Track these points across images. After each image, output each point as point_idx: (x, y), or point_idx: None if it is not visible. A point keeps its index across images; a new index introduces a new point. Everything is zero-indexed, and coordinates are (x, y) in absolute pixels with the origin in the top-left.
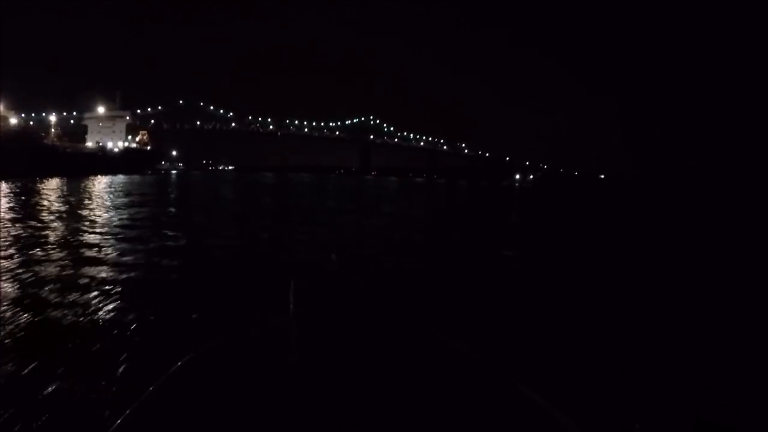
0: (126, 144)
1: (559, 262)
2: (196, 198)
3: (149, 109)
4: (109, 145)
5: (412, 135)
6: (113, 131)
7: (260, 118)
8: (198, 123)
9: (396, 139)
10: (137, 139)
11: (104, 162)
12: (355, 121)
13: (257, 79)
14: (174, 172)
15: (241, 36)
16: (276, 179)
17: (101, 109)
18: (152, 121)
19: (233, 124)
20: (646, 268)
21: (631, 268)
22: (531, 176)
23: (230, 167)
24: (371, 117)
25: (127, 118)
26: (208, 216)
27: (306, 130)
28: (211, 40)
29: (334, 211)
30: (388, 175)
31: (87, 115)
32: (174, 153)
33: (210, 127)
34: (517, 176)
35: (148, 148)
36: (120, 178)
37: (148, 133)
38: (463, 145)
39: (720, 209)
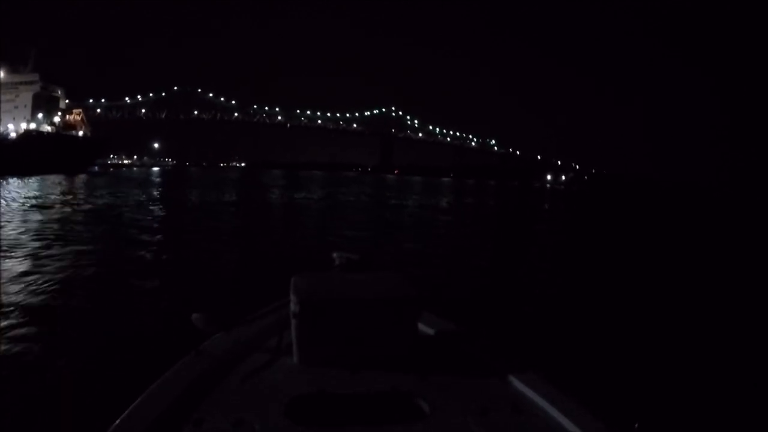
0: (31, 126)
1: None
2: None
3: (139, 97)
4: (10, 126)
5: (437, 130)
6: (15, 106)
7: (266, 107)
8: (195, 113)
9: (420, 134)
10: (56, 119)
11: None
12: (375, 112)
13: (268, 75)
14: (156, 169)
15: (251, 30)
16: (283, 184)
17: (1, 74)
18: (142, 111)
19: (236, 114)
20: (655, 270)
21: (640, 269)
22: (563, 176)
23: (242, 164)
24: (393, 108)
25: (38, 84)
26: None
27: (319, 122)
28: (220, 35)
29: None
30: (411, 174)
31: None
32: (156, 145)
33: (209, 117)
34: (549, 176)
35: (81, 133)
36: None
37: (84, 112)
38: (493, 142)
39: (733, 213)
